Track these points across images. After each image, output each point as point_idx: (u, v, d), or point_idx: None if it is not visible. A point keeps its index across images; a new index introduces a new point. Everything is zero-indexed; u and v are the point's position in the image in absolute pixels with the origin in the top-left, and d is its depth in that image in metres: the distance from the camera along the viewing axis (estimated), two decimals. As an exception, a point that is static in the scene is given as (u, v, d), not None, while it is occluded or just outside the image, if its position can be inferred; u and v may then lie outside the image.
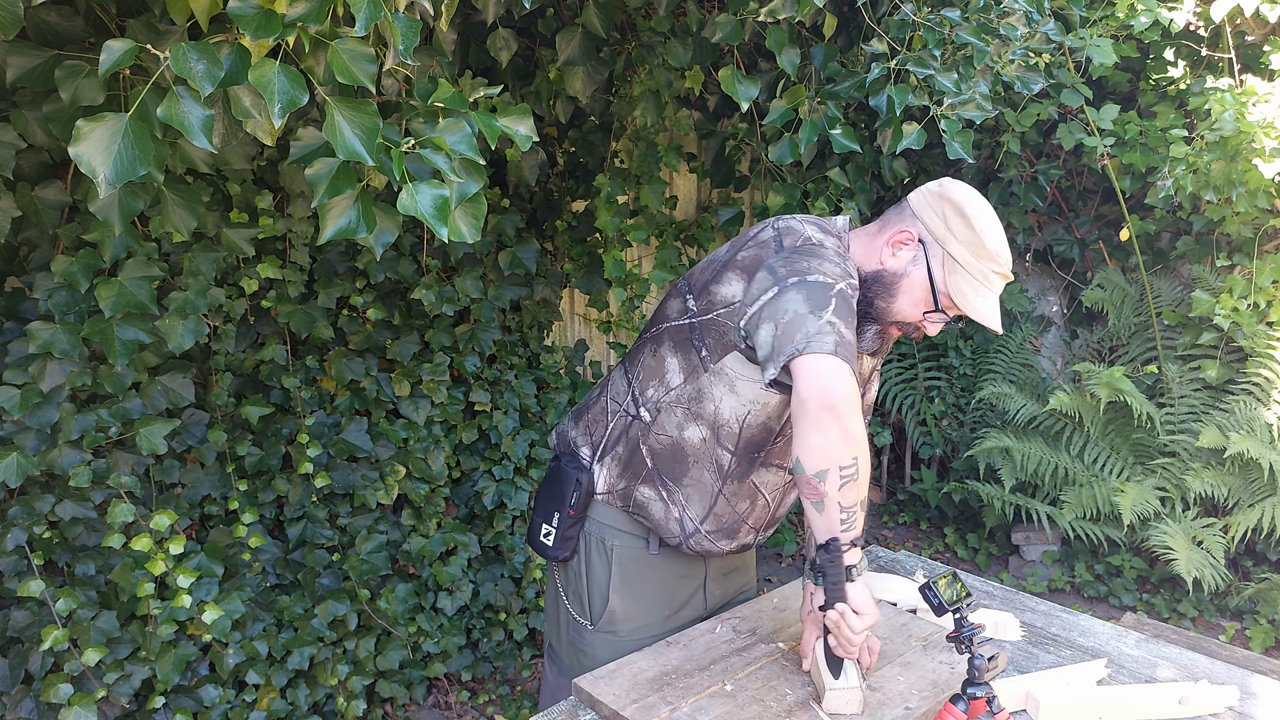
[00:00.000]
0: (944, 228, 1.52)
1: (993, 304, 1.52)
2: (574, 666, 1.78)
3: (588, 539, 1.74)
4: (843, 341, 1.37)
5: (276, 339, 2.66)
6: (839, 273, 1.48)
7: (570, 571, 1.77)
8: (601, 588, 1.73)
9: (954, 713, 1.42)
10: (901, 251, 1.56)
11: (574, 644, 1.78)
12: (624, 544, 1.73)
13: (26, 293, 2.17)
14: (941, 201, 1.53)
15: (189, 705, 2.40)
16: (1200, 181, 3.50)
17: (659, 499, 1.67)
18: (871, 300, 1.58)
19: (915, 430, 4.66)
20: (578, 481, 1.71)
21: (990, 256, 1.50)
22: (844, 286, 1.46)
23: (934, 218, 1.54)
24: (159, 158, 1.51)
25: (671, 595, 1.77)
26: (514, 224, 2.97)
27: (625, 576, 1.73)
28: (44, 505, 2.18)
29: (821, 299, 1.41)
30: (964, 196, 1.53)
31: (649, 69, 2.83)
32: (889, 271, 1.56)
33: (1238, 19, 3.60)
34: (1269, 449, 3.48)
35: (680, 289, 1.69)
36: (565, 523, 1.73)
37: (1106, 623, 1.91)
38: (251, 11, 1.25)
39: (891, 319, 1.59)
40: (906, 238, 1.55)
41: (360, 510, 2.78)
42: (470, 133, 1.52)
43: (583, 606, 1.76)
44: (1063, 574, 3.98)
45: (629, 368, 1.74)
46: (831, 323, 1.38)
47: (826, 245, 1.55)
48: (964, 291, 1.52)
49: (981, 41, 2.40)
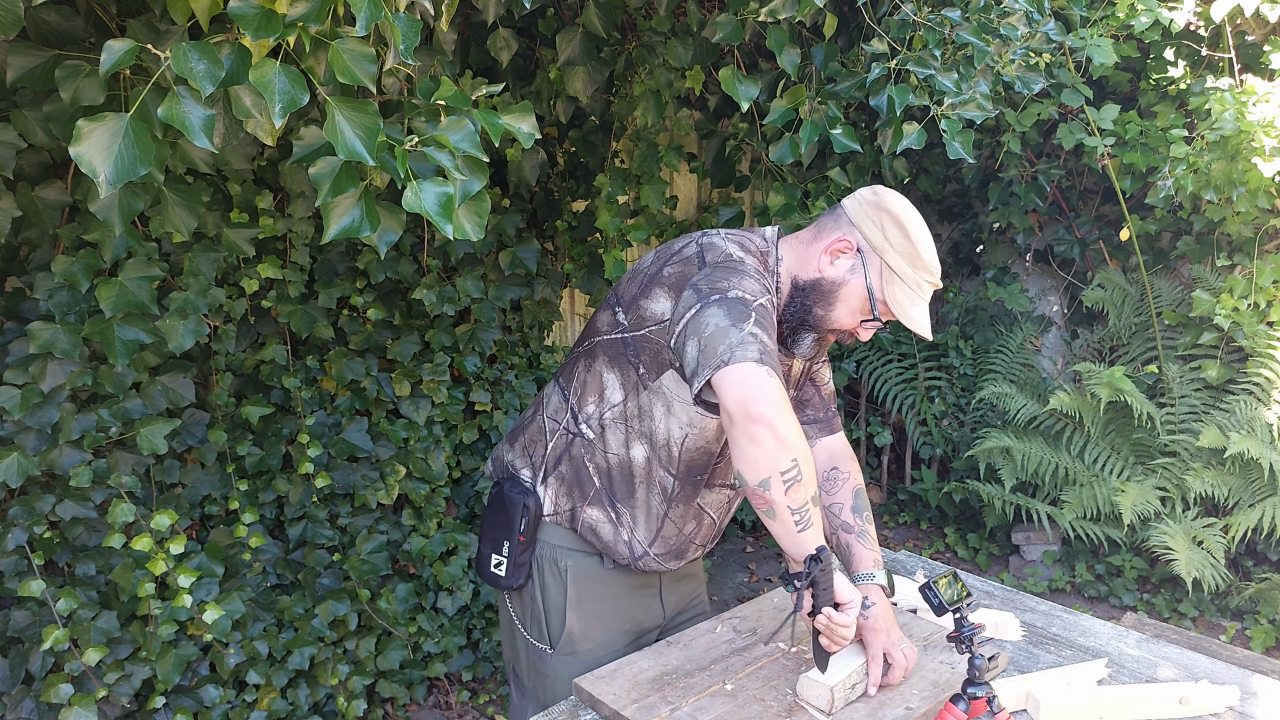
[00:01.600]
0: (882, 238, 1.54)
1: (925, 312, 1.55)
2: (537, 690, 1.74)
3: (540, 562, 1.69)
4: (766, 350, 1.38)
5: (277, 339, 2.66)
6: (757, 289, 1.49)
7: (525, 598, 1.73)
8: (559, 609, 1.69)
9: (954, 712, 1.42)
10: (840, 260, 1.56)
11: (535, 669, 1.73)
12: (577, 562, 1.69)
13: (27, 293, 2.17)
14: (879, 211, 1.54)
15: (189, 705, 2.40)
16: (1200, 181, 3.50)
17: (608, 520, 1.64)
18: (810, 308, 1.58)
19: (915, 430, 4.66)
20: (524, 506, 1.66)
21: (925, 267, 1.53)
22: (764, 302, 1.48)
23: (872, 228, 1.54)
24: (159, 158, 1.51)
25: (629, 609, 1.74)
26: (514, 224, 2.97)
27: (581, 595, 1.69)
28: (44, 505, 2.18)
29: (742, 313, 1.42)
30: (901, 208, 1.54)
31: (649, 69, 2.83)
32: (827, 280, 1.57)
33: (1238, 19, 3.60)
34: (1269, 449, 3.47)
35: (609, 301, 1.66)
36: (516, 549, 1.68)
37: (1107, 623, 1.91)
38: (252, 11, 1.25)
39: (829, 326, 1.59)
40: (845, 246, 1.55)
41: (360, 510, 2.78)
42: (473, 130, 1.52)
43: (541, 632, 1.71)
44: (1063, 574, 3.98)
45: (563, 384, 1.70)
46: (754, 333, 1.39)
47: (746, 263, 1.55)
48: (900, 301, 1.54)
49: (982, 41, 2.40)
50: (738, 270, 1.52)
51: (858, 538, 1.69)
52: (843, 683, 1.50)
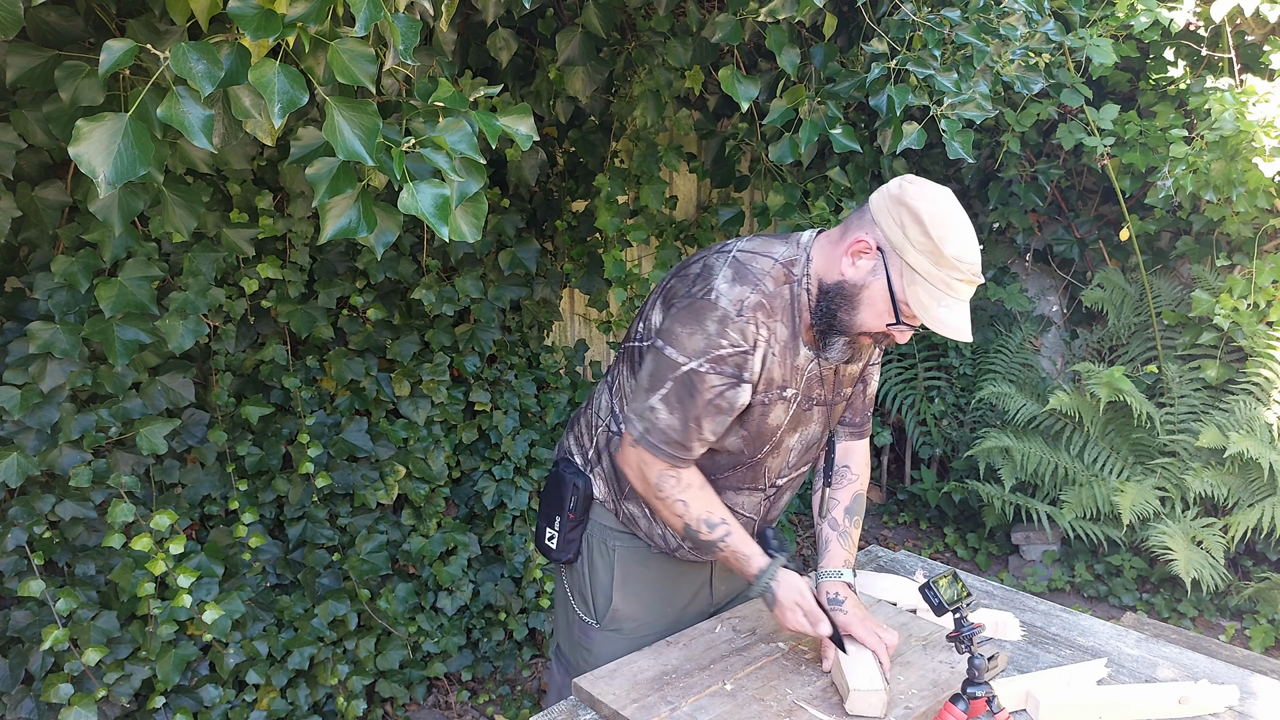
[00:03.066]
0: (901, 235, 1.43)
1: (958, 313, 1.42)
2: (580, 665, 1.80)
3: (590, 540, 1.76)
4: (651, 429, 1.52)
5: (276, 339, 2.66)
6: (702, 347, 1.47)
7: (575, 572, 1.80)
8: (605, 587, 1.75)
9: (954, 712, 1.42)
10: (861, 261, 1.48)
11: (580, 644, 1.80)
12: (625, 544, 1.75)
13: (27, 293, 2.17)
14: (899, 207, 1.43)
15: (189, 705, 2.40)
16: (1200, 181, 3.50)
17: (643, 515, 1.70)
18: (835, 313, 1.51)
19: (915, 430, 4.66)
20: (574, 486, 1.73)
21: (950, 264, 1.39)
22: (695, 365, 1.48)
23: (892, 225, 1.44)
24: (159, 158, 1.51)
25: (675, 593, 1.79)
26: (514, 224, 2.97)
27: (627, 576, 1.75)
28: (44, 505, 2.18)
29: (659, 379, 1.51)
30: (920, 200, 1.42)
31: (649, 69, 2.83)
32: (849, 283, 1.48)
33: (1238, 19, 3.60)
34: (1269, 449, 3.47)
35: (643, 308, 1.68)
36: (566, 526, 1.75)
37: (1106, 622, 1.91)
38: (251, 11, 1.25)
39: (856, 331, 1.52)
40: (864, 247, 1.46)
41: (360, 510, 2.78)
42: (470, 132, 1.52)
43: (588, 606, 1.78)
44: (1063, 574, 3.97)
45: (610, 382, 1.75)
46: (653, 407, 1.49)
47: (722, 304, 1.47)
48: (924, 303, 1.42)
49: (981, 41, 2.40)
50: (702, 315, 1.48)
51: (839, 536, 1.73)
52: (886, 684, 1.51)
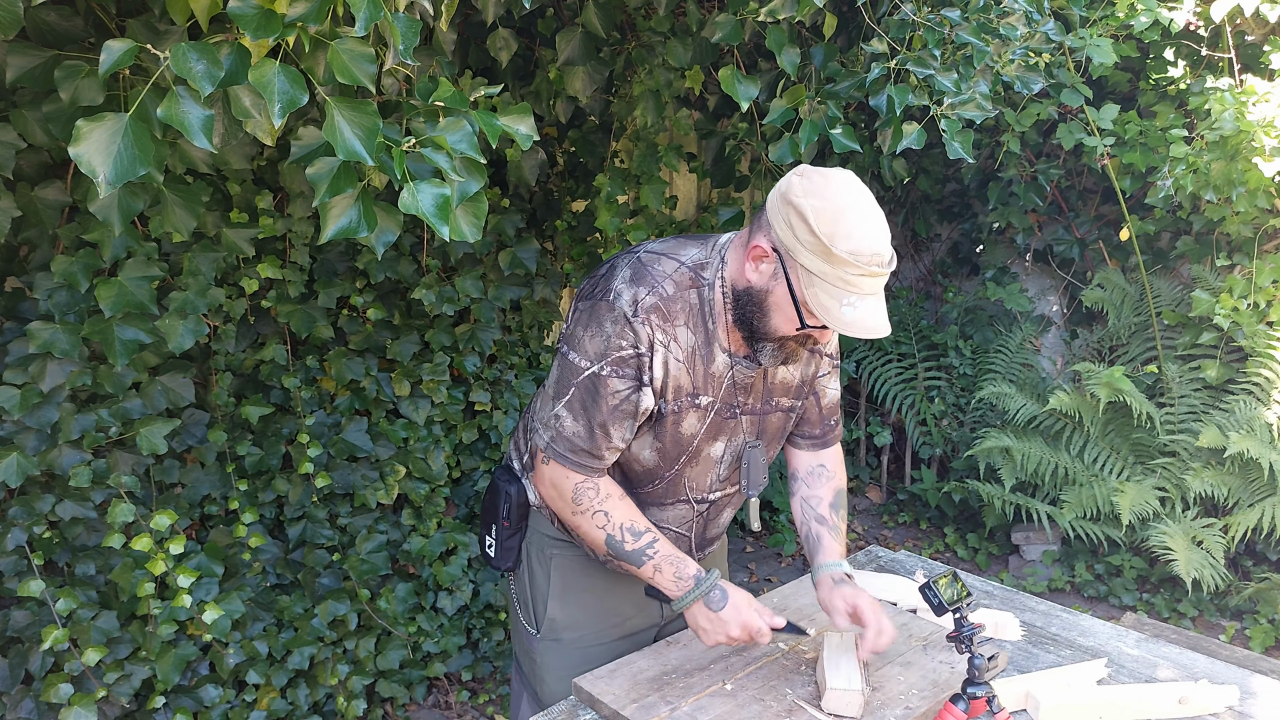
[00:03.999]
0: (792, 236, 1.33)
1: (866, 309, 1.32)
2: (529, 673, 1.77)
3: (528, 548, 1.73)
4: (557, 438, 1.50)
5: (276, 339, 2.66)
6: (601, 349, 1.44)
7: (518, 580, 1.77)
8: (543, 596, 1.71)
9: (954, 712, 1.42)
10: (762, 266, 1.40)
11: (527, 652, 1.76)
12: (562, 552, 1.70)
13: (26, 293, 2.17)
14: (786, 206, 1.34)
15: (189, 705, 2.40)
16: (1200, 181, 3.50)
17: None
18: (749, 318, 1.44)
19: (915, 430, 4.66)
20: (507, 494, 1.70)
21: (843, 261, 1.29)
22: (596, 369, 1.45)
23: (783, 226, 1.35)
24: (159, 158, 1.51)
25: (618, 602, 1.74)
26: (514, 224, 2.97)
27: (566, 585, 1.70)
28: (44, 505, 2.18)
29: (564, 385, 1.50)
30: (806, 196, 1.32)
31: (649, 69, 2.83)
32: (755, 289, 1.42)
33: (1238, 19, 3.60)
34: (1269, 449, 3.47)
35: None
36: (502, 534, 1.72)
37: (1106, 623, 1.91)
38: (251, 11, 1.25)
39: (774, 336, 1.44)
40: (761, 252, 1.39)
41: (360, 510, 2.78)
42: (471, 131, 1.52)
43: (529, 614, 1.74)
44: (1063, 574, 3.98)
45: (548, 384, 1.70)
46: (558, 415, 1.49)
47: (619, 304, 1.43)
48: (825, 305, 1.33)
49: (981, 41, 2.40)
50: (600, 317, 1.45)
51: (830, 531, 1.71)
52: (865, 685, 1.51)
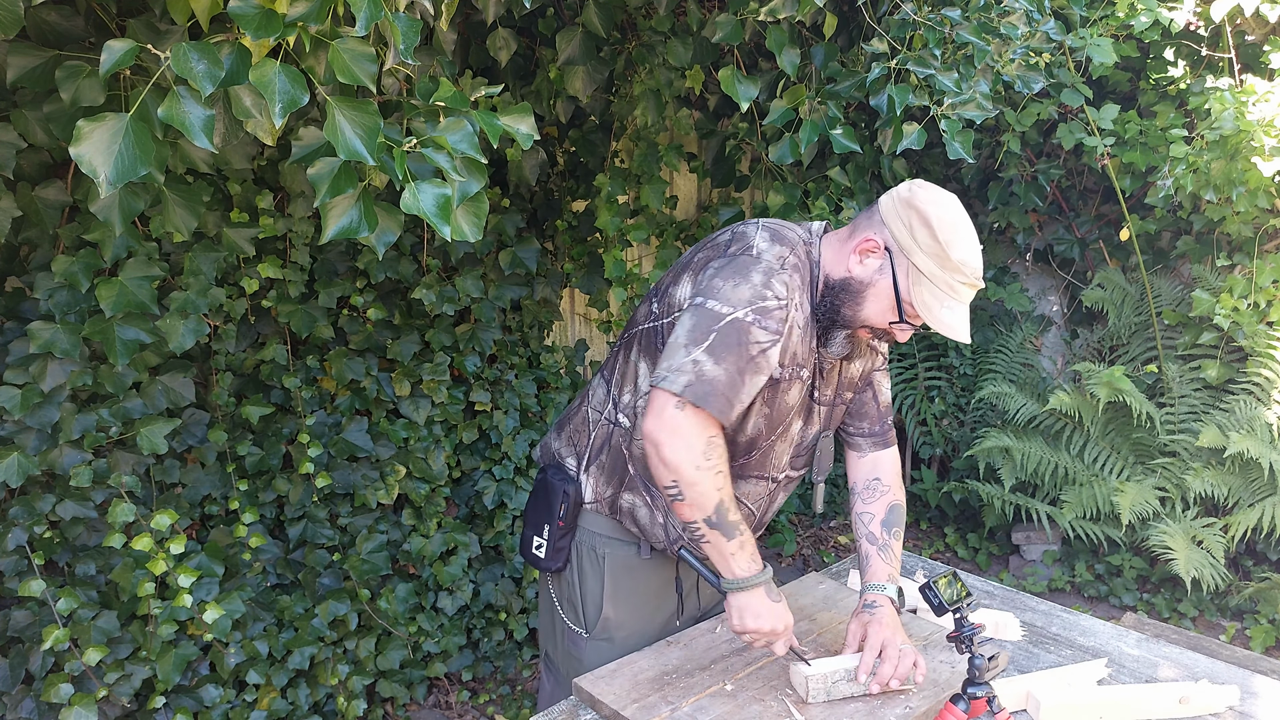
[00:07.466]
0: (910, 238, 1.48)
1: (959, 315, 1.49)
2: (570, 674, 1.78)
3: (579, 548, 1.74)
4: (696, 381, 1.43)
5: (277, 339, 2.66)
6: (748, 297, 1.47)
7: (564, 581, 1.78)
8: (595, 596, 1.73)
9: (954, 712, 1.42)
10: (869, 260, 1.53)
11: (570, 653, 1.78)
12: (615, 551, 1.72)
13: (27, 293, 2.17)
14: (909, 210, 1.49)
15: (189, 705, 2.40)
16: (1200, 181, 3.50)
17: (644, 504, 1.68)
18: (838, 308, 1.55)
19: (915, 430, 4.66)
20: (565, 493, 1.72)
21: (955, 268, 1.46)
22: (741, 315, 1.46)
23: (900, 227, 1.49)
24: (160, 158, 1.51)
25: (665, 600, 1.78)
26: (514, 224, 2.97)
27: (618, 584, 1.73)
28: (45, 505, 2.18)
29: (702, 332, 1.46)
30: (930, 204, 1.48)
31: (649, 69, 2.83)
32: (856, 280, 1.53)
33: (1238, 19, 3.60)
34: (1269, 448, 3.47)
35: (650, 293, 1.69)
36: (555, 534, 1.73)
37: (1107, 622, 1.91)
38: (252, 11, 1.25)
39: (859, 324, 1.56)
40: (873, 246, 1.52)
41: (360, 510, 2.78)
42: (472, 131, 1.52)
43: (578, 615, 1.76)
44: (1063, 574, 3.98)
45: (607, 375, 1.74)
46: (696, 360, 1.44)
47: (765, 258, 1.52)
48: (928, 304, 1.48)
49: (982, 41, 2.40)
50: (742, 270, 1.50)
51: (879, 550, 1.71)
52: (824, 676, 1.52)
